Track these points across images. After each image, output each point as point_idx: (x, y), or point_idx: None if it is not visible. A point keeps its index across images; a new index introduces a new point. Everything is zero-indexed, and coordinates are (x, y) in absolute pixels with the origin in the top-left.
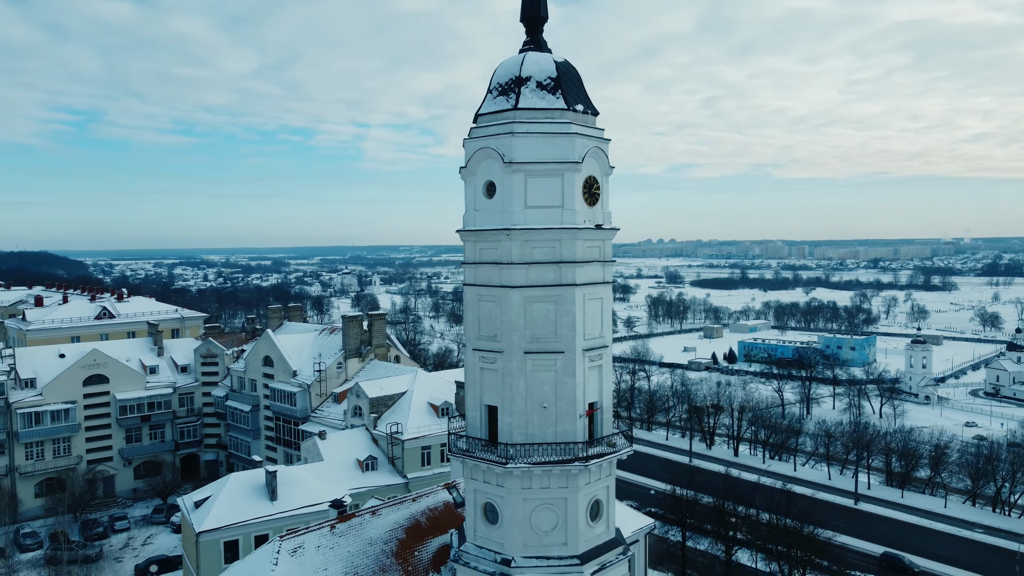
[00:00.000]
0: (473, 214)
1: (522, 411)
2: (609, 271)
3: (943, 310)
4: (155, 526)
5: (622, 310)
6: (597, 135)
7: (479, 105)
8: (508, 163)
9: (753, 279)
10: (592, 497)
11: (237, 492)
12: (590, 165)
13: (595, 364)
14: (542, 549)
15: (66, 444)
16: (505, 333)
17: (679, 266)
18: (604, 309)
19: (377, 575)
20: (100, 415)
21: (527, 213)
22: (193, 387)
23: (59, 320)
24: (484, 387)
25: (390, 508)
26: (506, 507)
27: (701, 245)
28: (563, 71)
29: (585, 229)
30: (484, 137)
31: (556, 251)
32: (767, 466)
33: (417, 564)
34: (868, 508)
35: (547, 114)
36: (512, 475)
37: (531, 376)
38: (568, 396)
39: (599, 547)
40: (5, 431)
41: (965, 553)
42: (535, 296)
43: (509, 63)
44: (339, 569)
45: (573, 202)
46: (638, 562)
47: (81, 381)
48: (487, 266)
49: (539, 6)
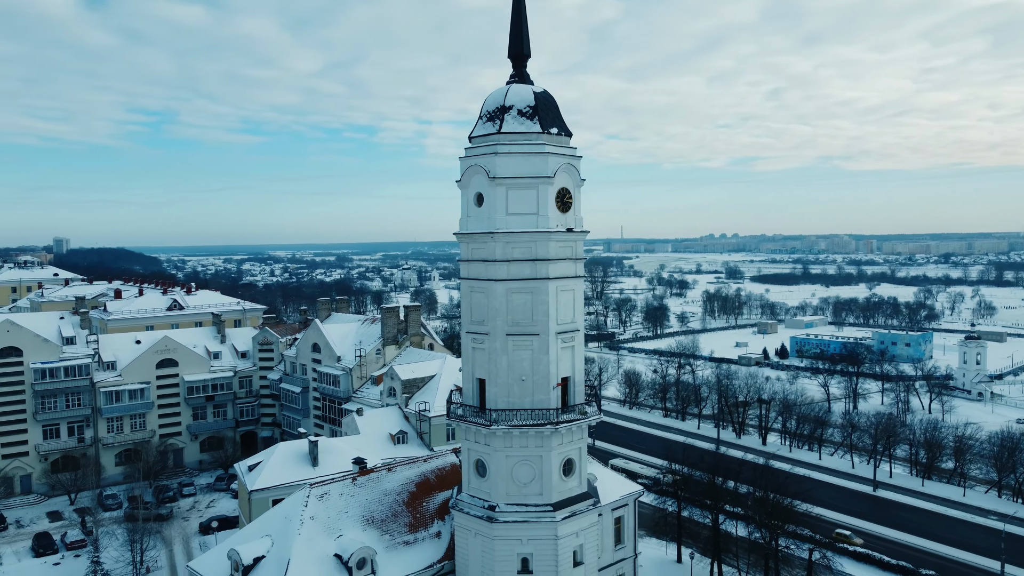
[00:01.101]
0: (466, 220)
1: (504, 383)
2: (580, 267)
3: (1013, 306)
4: (217, 492)
5: (677, 305)
6: (569, 153)
7: (472, 128)
8: (492, 178)
9: (815, 275)
10: (564, 456)
11: (284, 458)
12: (562, 178)
13: (567, 345)
14: (521, 498)
15: (142, 420)
16: (491, 318)
17: (740, 261)
18: (576, 299)
19: (390, 519)
20: (170, 395)
21: (508, 219)
22: (251, 371)
23: (135, 311)
24: (475, 363)
25: (404, 466)
26: (492, 462)
27: (765, 240)
28: (540, 100)
29: (557, 232)
30: (474, 156)
31: (532, 250)
32: (792, 454)
33: (424, 512)
34: (885, 495)
35: (525, 137)
36: (496, 435)
37: (512, 354)
38: (543, 371)
39: (571, 498)
40: (90, 407)
41: (972, 536)
42: (515, 288)
43: (496, 94)
44: (358, 512)
45: (547, 209)
46: (628, 520)
47: (154, 364)
48: (477, 263)
49: (522, 45)
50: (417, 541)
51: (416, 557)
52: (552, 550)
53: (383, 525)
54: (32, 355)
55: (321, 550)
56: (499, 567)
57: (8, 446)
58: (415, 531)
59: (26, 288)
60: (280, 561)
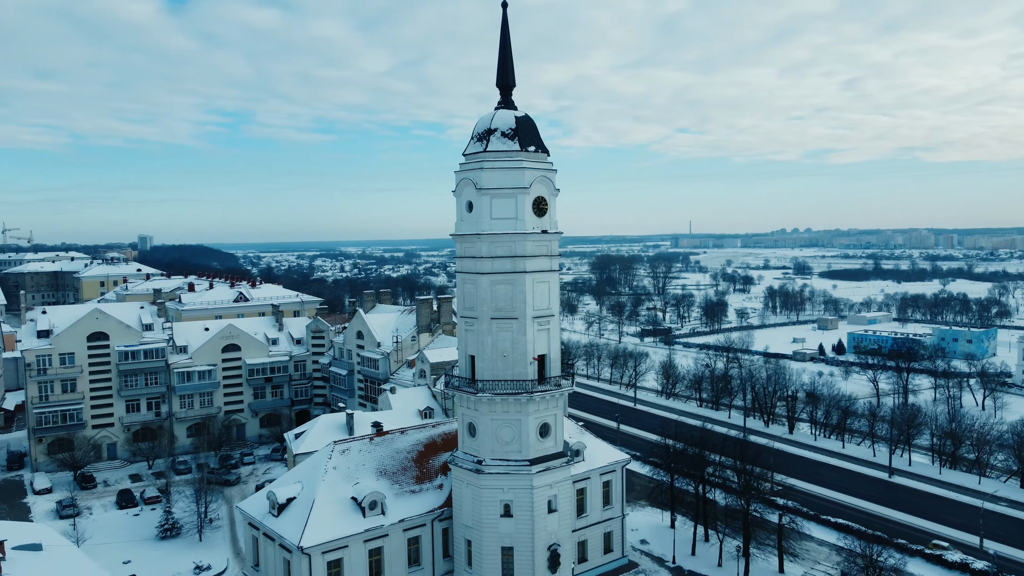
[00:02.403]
0: (460, 223)
1: (490, 359)
2: (555, 262)
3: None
4: (273, 462)
5: (739, 301)
6: (545, 167)
7: (465, 146)
8: (479, 189)
9: (887, 270)
10: (541, 420)
11: (325, 428)
12: (538, 188)
13: (543, 327)
14: (504, 454)
15: (209, 397)
16: (478, 305)
17: (811, 256)
18: (551, 289)
19: (400, 472)
20: (234, 376)
21: (492, 222)
22: (305, 356)
23: (206, 302)
24: (467, 343)
25: (415, 430)
26: (480, 425)
27: (839, 235)
28: (520, 123)
29: (533, 234)
30: (465, 171)
31: (512, 248)
32: (816, 443)
33: (429, 468)
34: (900, 481)
35: (507, 154)
36: (482, 402)
37: (496, 335)
38: (521, 349)
39: (546, 456)
40: (165, 385)
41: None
42: (498, 279)
43: (484, 118)
44: (373, 466)
45: (524, 215)
46: (615, 485)
47: (220, 349)
48: (467, 259)
49: (508, 77)
50: (422, 491)
51: (420, 503)
52: (528, 498)
53: (394, 477)
54: (117, 339)
55: (340, 493)
56: (486, 511)
57: (98, 418)
58: (421, 483)
59: (112, 282)
60: (307, 501)
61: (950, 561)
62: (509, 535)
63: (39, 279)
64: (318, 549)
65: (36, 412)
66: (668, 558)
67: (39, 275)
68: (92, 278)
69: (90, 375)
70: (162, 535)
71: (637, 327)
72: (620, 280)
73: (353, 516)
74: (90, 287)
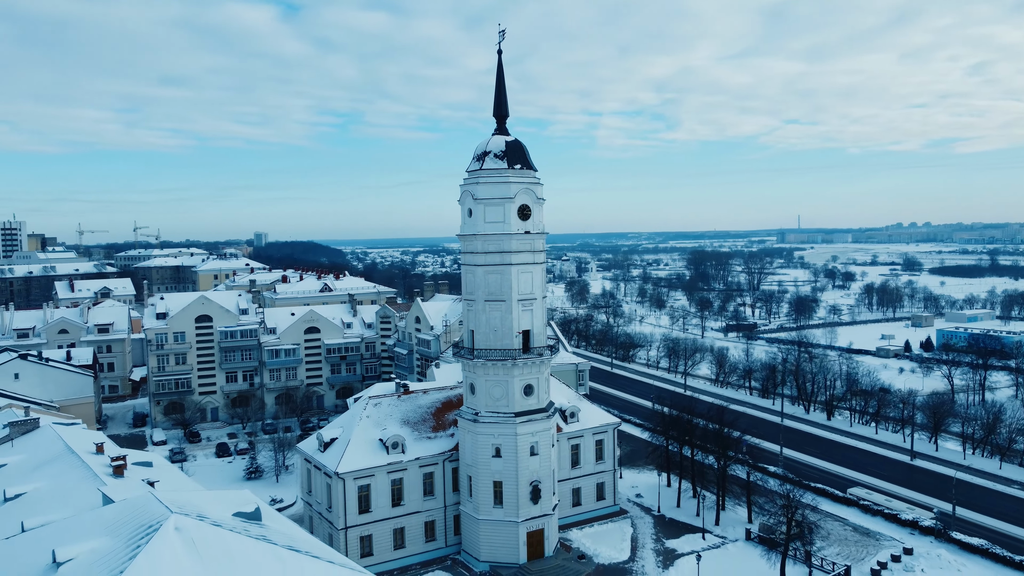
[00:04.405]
0: (463, 226)
1: (484, 332)
2: (539, 256)
3: None
4: None
5: (837, 298)
6: (529, 181)
7: (468, 164)
8: (476, 199)
9: (1004, 266)
10: (525, 382)
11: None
12: (522, 198)
13: (527, 308)
14: (495, 408)
15: (293, 371)
16: (475, 290)
17: (925, 252)
18: (535, 278)
19: (420, 423)
20: (314, 354)
21: (485, 225)
22: (374, 338)
23: (295, 292)
24: (468, 320)
25: (436, 391)
26: (478, 384)
27: (960, 228)
28: (509, 146)
29: (517, 234)
30: (467, 184)
31: (500, 245)
32: (852, 428)
33: (445, 420)
34: (920, 464)
35: (497, 172)
36: (478, 366)
37: (488, 314)
38: (508, 325)
39: (529, 411)
40: (257, 360)
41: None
42: (490, 270)
43: (482, 142)
44: (398, 417)
45: (510, 219)
46: (607, 443)
47: (303, 331)
48: (468, 254)
49: (502, 109)
50: (437, 437)
51: (435, 447)
52: (513, 443)
53: (414, 426)
54: (219, 321)
55: (371, 436)
56: (480, 453)
57: (203, 386)
58: (436, 431)
59: (224, 275)
60: (344, 441)
61: (892, 516)
62: (499, 472)
63: (163, 272)
64: (351, 475)
65: (155, 380)
66: (655, 508)
67: (163, 269)
68: (207, 271)
69: (197, 350)
70: (247, 477)
71: (722, 322)
72: (715, 276)
73: (379, 453)
74: (205, 279)
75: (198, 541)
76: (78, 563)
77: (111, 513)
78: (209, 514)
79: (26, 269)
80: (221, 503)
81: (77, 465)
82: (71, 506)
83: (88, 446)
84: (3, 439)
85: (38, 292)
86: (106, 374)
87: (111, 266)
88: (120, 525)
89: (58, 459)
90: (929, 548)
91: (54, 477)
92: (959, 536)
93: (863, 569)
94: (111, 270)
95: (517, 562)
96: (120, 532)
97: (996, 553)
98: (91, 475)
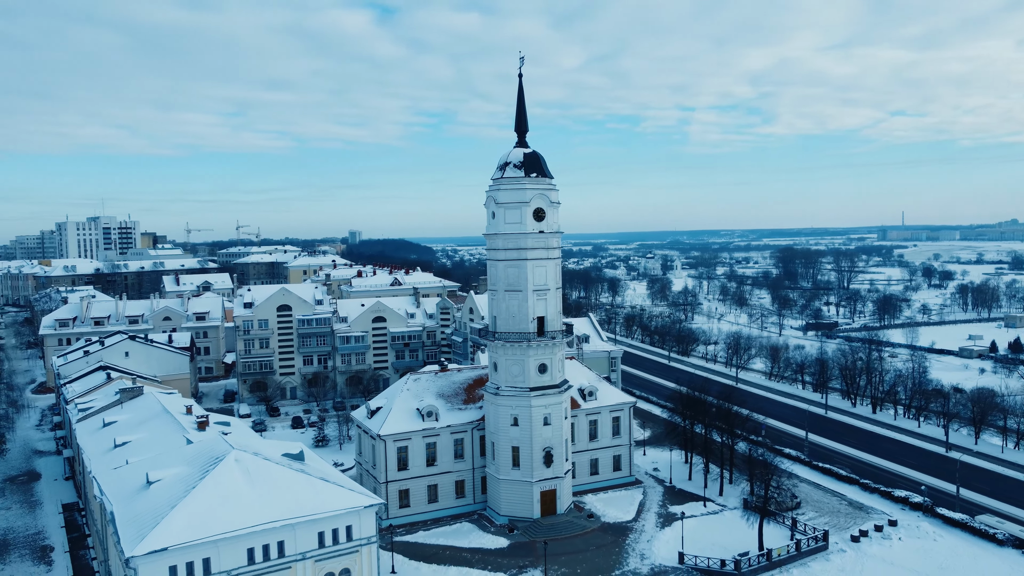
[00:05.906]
0: (488, 226)
1: (504, 318)
2: (553, 252)
3: None
4: None
5: (932, 297)
6: (545, 187)
7: (493, 172)
8: (497, 203)
9: None
10: (539, 361)
11: None
12: (536, 202)
13: (542, 298)
14: (514, 383)
15: (362, 356)
16: (497, 282)
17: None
18: (548, 272)
19: (453, 396)
20: (381, 341)
21: (505, 226)
22: (434, 327)
23: (367, 286)
24: (491, 307)
25: (469, 369)
26: (499, 363)
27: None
28: (527, 157)
29: (532, 234)
30: (491, 190)
31: (517, 243)
32: (895, 422)
33: (475, 395)
34: (956, 456)
35: (516, 180)
36: (499, 347)
37: (508, 301)
38: (524, 312)
39: (543, 386)
40: (330, 346)
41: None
42: (509, 264)
43: (504, 154)
44: (435, 390)
45: (526, 221)
46: (623, 420)
47: (371, 320)
48: (491, 251)
49: (523, 124)
50: (467, 409)
51: (465, 416)
52: (528, 413)
53: (448, 399)
54: (297, 311)
55: (410, 406)
56: (501, 422)
57: (283, 367)
58: (467, 404)
59: (313, 271)
60: (387, 410)
61: (895, 495)
62: (516, 438)
63: (259, 268)
64: (391, 437)
65: (242, 361)
66: (668, 480)
67: (259, 265)
68: (297, 267)
69: (279, 336)
70: (315, 444)
71: (803, 321)
72: (803, 274)
73: (416, 420)
74: (295, 274)
75: (251, 469)
76: (164, 483)
77: (190, 450)
78: (263, 452)
79: (138, 265)
80: (275, 447)
81: (170, 421)
82: (163, 449)
83: (180, 408)
84: (115, 403)
85: (148, 285)
86: (202, 357)
87: (213, 262)
88: (195, 458)
89: (156, 417)
90: (913, 521)
91: (152, 430)
92: (943, 511)
93: (844, 536)
94: (213, 266)
95: (531, 516)
96: (195, 462)
97: (973, 527)
98: (180, 428)
